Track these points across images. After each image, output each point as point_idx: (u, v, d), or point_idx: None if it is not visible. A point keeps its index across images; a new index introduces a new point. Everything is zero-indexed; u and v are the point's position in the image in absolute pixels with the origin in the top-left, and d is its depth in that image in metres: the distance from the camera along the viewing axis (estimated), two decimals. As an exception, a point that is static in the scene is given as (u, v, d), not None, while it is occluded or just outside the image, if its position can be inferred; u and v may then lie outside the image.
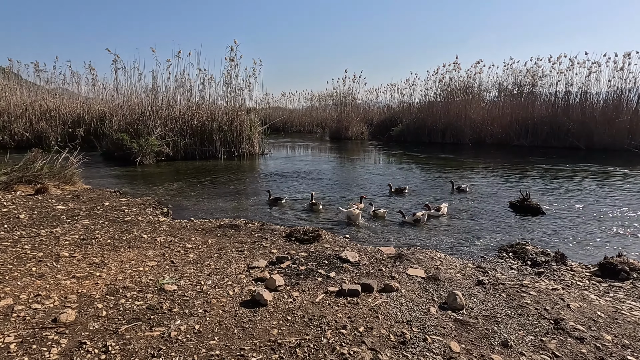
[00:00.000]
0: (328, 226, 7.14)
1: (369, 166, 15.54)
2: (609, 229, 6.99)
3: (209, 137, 16.76)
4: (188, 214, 7.79)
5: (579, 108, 21.63)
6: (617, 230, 6.89)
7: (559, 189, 10.61)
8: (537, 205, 8.02)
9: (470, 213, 8.08)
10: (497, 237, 6.54)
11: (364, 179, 12.25)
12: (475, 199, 9.36)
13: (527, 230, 6.95)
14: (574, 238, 6.54)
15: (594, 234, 6.76)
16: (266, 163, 16.27)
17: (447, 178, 12.46)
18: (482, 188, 10.73)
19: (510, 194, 9.96)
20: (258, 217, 7.71)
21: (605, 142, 20.12)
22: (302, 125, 37.00)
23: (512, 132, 22.70)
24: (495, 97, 25.31)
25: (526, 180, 11.91)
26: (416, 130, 25.25)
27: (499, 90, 24.80)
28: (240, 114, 17.25)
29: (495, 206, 8.69)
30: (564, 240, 6.42)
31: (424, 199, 9.31)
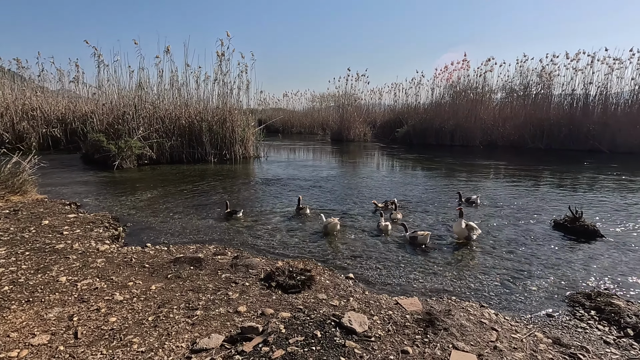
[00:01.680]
0: (323, 252, 5.32)
1: (372, 172, 13.70)
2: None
3: (197, 138, 14.98)
4: (147, 237, 6.00)
5: (600, 108, 19.71)
6: None
7: (603, 202, 8.74)
8: (593, 227, 6.16)
9: (504, 235, 6.25)
10: (555, 276, 4.71)
11: (367, 187, 10.43)
12: (506, 216, 7.51)
13: (590, 265, 5.11)
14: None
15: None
16: (261, 167, 14.47)
17: (458, 186, 10.61)
18: (509, 200, 8.88)
19: (546, 208, 8.11)
20: (236, 240, 5.91)
21: (630, 144, 18.19)
22: (303, 126, 35.18)
23: (526, 134, 20.80)
24: (505, 97, 23.41)
25: (558, 192, 10.04)
26: (422, 132, 23.38)
27: (508, 90, 22.90)
28: (233, 113, 15.46)
29: (533, 226, 6.85)
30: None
31: (429, 215, 7.49)
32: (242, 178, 11.72)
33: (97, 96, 16.25)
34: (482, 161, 16.02)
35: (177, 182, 10.75)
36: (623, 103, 19.42)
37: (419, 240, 5.70)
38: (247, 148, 16.22)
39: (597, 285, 4.50)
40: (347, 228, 6.60)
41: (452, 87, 23.02)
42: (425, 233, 5.68)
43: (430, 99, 24.72)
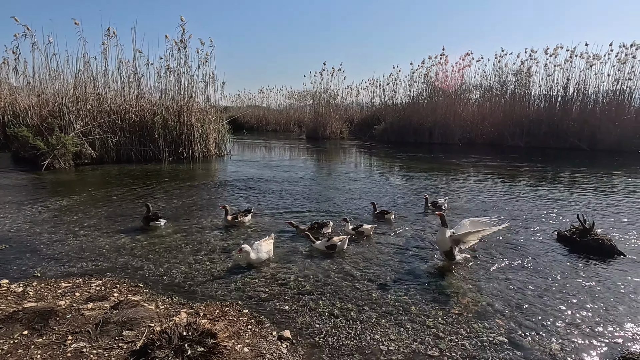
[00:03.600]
0: (256, 287, 3.69)
1: (343, 172, 12.16)
2: None
3: (150, 135, 13.04)
4: (20, 265, 4.21)
5: (579, 105, 18.90)
6: None
7: (603, 204, 7.49)
8: (610, 242, 4.79)
9: (493, 253, 4.81)
10: (580, 318, 3.27)
11: (339, 191, 8.87)
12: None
13: (627, 302, 3.70)
14: None
15: None
16: (224, 167, 12.69)
17: (438, 188, 9.20)
18: (500, 204, 7.50)
19: (540, 214, 6.76)
20: (143, 268, 4.20)
21: (610, 142, 17.41)
22: (279, 124, 33.34)
23: (505, 132, 19.80)
24: (483, 94, 22.40)
25: (555, 194, 8.77)
26: (400, 129, 22.08)
27: (486, 88, 21.88)
28: (191, 107, 13.59)
29: (532, 237, 5.45)
30: None
31: (406, 223, 6.01)
32: (194, 180, 9.93)
33: (30, 86, 14.02)
34: (461, 160, 14.76)
35: (112, 186, 8.87)
36: (602, 100, 18.66)
37: (338, 247, 4.70)
38: (209, 146, 14.38)
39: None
40: (300, 246, 5.00)
41: (430, 82, 21.79)
42: (344, 237, 4.80)
43: (408, 95, 23.47)
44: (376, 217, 6.55)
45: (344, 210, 7.03)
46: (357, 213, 6.90)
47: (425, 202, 7.13)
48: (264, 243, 4.46)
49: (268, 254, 4.38)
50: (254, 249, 4.35)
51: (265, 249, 4.39)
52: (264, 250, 4.37)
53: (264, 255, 4.34)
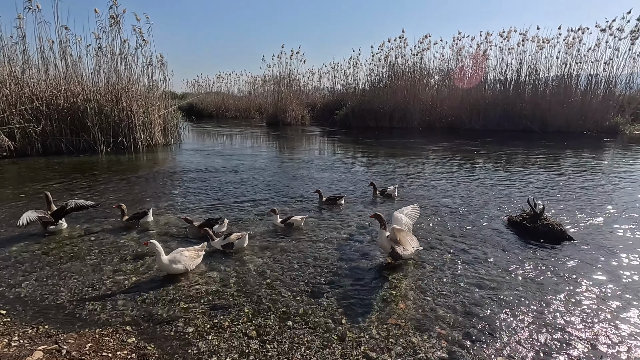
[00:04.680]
0: (157, 310, 3.01)
1: (300, 160, 11.51)
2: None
3: (82, 123, 11.63)
4: None
5: (531, 88, 19.28)
6: None
7: (553, 186, 7.38)
8: (559, 227, 4.50)
9: (443, 245, 4.40)
10: (528, 320, 2.88)
11: (290, 179, 8.22)
12: (443, 212, 5.72)
13: (579, 298, 3.37)
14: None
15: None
16: (171, 157, 11.61)
17: (394, 173, 8.82)
18: (448, 190, 7.19)
19: (493, 199, 6.50)
20: (23, 287, 3.36)
21: (559, 124, 17.94)
22: (239, 110, 31.89)
23: (463, 115, 19.91)
24: (442, 79, 22.37)
25: (508, 177, 8.62)
26: (362, 114, 21.62)
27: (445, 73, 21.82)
28: (130, 92, 12.25)
29: (484, 224, 5.10)
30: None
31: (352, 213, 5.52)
32: (130, 172, 8.86)
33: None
34: (420, 144, 14.55)
35: (26, 181, 7.67)
36: (551, 83, 19.12)
37: (236, 245, 4.18)
38: (154, 134, 13.14)
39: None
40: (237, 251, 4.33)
41: (390, 66, 21.39)
42: (242, 234, 4.25)
43: (370, 79, 22.97)
44: (326, 203, 6.05)
45: (290, 198, 6.41)
46: (306, 200, 6.30)
47: (373, 190, 6.67)
48: (187, 253, 3.70)
49: (185, 265, 3.64)
50: (173, 256, 3.62)
51: (186, 260, 3.64)
52: (183, 260, 3.63)
53: (179, 266, 3.60)
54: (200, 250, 3.86)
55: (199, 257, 3.80)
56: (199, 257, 3.81)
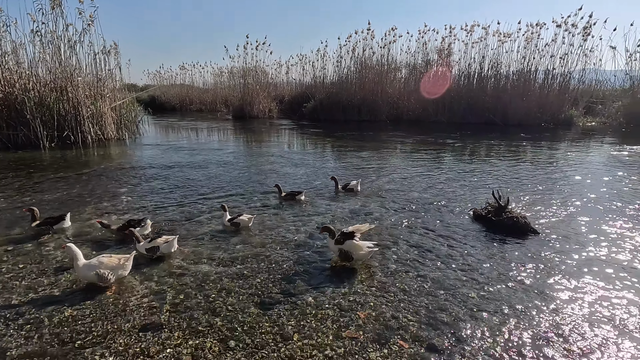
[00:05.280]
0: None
1: (270, 153, 11.01)
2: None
3: (20, 115, 10.45)
4: None
5: (493, 81, 19.72)
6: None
7: (516, 179, 7.39)
8: (524, 220, 4.37)
9: (414, 240, 4.14)
10: (495, 324, 2.65)
11: (257, 175, 7.73)
12: (407, 206, 5.50)
13: (545, 296, 3.19)
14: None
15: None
16: (126, 153, 10.71)
17: (361, 167, 8.56)
18: (420, 183, 7.00)
19: (460, 191, 6.36)
20: None
21: (519, 117, 18.46)
22: (204, 103, 30.58)
23: (429, 108, 20.06)
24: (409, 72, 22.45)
25: (474, 170, 8.58)
26: (330, 107, 21.28)
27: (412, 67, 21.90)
28: (76, 82, 11.15)
29: (449, 219, 4.90)
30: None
31: (316, 209, 5.17)
32: (72, 169, 8.00)
33: None
34: (387, 137, 14.43)
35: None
36: (512, 77, 19.64)
37: (161, 249, 3.70)
38: (106, 128, 12.11)
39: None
40: (186, 256, 3.83)
41: (357, 58, 21.13)
42: (170, 237, 3.78)
43: (337, 72, 22.62)
44: (285, 199, 5.75)
45: (250, 194, 5.95)
46: (265, 196, 5.87)
47: (335, 185, 6.36)
48: (108, 259, 3.18)
49: (106, 275, 3.10)
50: (92, 262, 3.09)
51: (107, 268, 3.12)
52: (103, 267, 3.10)
53: (101, 274, 3.07)
54: (126, 259, 3.29)
55: (124, 267, 3.25)
56: (123, 266, 3.24)
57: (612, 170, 8.05)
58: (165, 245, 3.70)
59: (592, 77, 20.40)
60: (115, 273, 3.17)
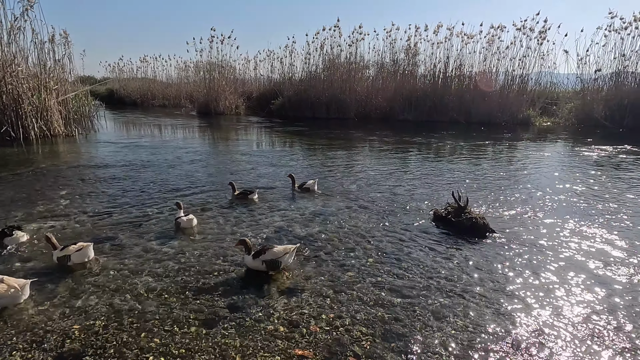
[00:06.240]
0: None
1: (232, 151, 10.58)
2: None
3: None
4: None
5: (457, 81, 20.23)
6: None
7: (476, 178, 7.48)
8: (483, 221, 4.33)
9: (373, 243, 3.99)
10: (451, 334, 2.52)
11: (215, 174, 7.32)
12: (367, 206, 5.37)
13: (494, 290, 3.11)
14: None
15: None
16: (74, 150, 9.88)
17: (326, 165, 8.39)
18: (383, 181, 6.90)
19: (422, 191, 6.32)
20: None
21: (481, 116, 19.05)
22: (167, 98, 29.17)
23: (397, 106, 20.25)
24: (377, 70, 22.59)
25: (437, 168, 8.62)
26: (298, 104, 20.97)
27: (379, 66, 22.04)
28: (16, 72, 10.14)
29: (410, 220, 4.81)
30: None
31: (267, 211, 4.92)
32: (3, 169, 7.21)
33: None
34: (355, 135, 14.36)
35: None
36: (475, 77, 20.23)
37: (72, 259, 3.36)
38: (52, 123, 11.13)
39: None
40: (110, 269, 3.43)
41: (325, 55, 20.94)
42: (84, 244, 3.42)
43: (306, 69, 22.31)
44: (237, 198, 5.55)
45: (204, 192, 5.57)
46: (218, 193, 5.53)
47: (292, 183, 6.17)
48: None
49: None
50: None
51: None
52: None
53: None
54: (22, 284, 2.76)
55: (13, 296, 2.72)
56: (15, 293, 2.72)
57: (569, 169, 8.38)
58: (78, 254, 3.34)
59: (548, 79, 21.44)
60: (4, 301, 2.71)
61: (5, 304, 2.72)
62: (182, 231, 4.29)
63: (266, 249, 3.32)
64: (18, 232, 3.85)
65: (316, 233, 4.33)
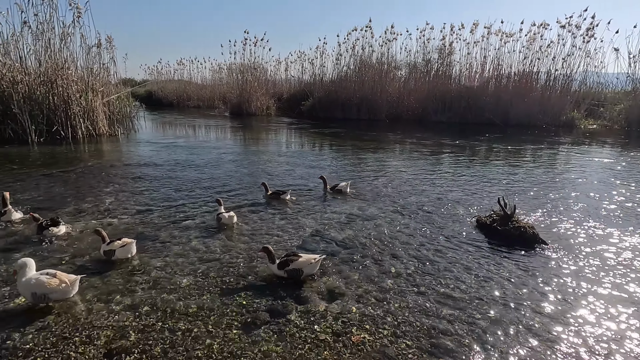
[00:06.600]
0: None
1: (265, 151, 10.69)
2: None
3: (7, 109, 10.08)
4: None
5: (494, 82, 19.41)
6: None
7: (519, 184, 7.08)
8: (532, 230, 4.06)
9: (414, 250, 3.84)
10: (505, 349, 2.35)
11: (249, 173, 7.41)
12: (402, 211, 5.19)
13: (552, 305, 2.89)
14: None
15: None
16: (117, 150, 10.37)
17: (358, 167, 8.25)
18: (418, 185, 6.69)
19: (461, 196, 6.06)
20: None
21: (520, 118, 18.17)
22: (202, 99, 30.07)
23: (429, 107, 19.73)
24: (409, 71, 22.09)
25: (475, 172, 8.28)
26: (329, 105, 20.92)
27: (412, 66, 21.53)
28: (67, 75, 10.78)
29: (451, 227, 4.60)
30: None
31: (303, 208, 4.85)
32: (55, 166, 7.65)
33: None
34: (387, 136, 14.11)
35: None
36: (514, 77, 19.33)
37: (117, 254, 3.53)
38: (97, 123, 11.74)
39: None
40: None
41: (357, 55, 20.76)
42: (128, 241, 3.57)
43: (337, 69, 22.23)
44: (269, 197, 5.65)
45: (238, 190, 5.63)
46: (251, 192, 5.57)
47: (323, 185, 6.14)
48: (48, 281, 2.76)
49: (39, 297, 2.78)
50: (30, 281, 2.76)
51: (45, 289, 2.75)
52: (39, 289, 2.74)
53: (27, 294, 2.79)
54: (72, 280, 2.87)
55: (64, 291, 2.83)
56: (63, 290, 2.82)
57: (620, 175, 7.77)
58: (122, 250, 3.50)
59: (594, 79, 20.13)
60: (56, 295, 2.81)
61: (57, 297, 2.83)
62: (222, 228, 4.36)
63: (291, 260, 3.27)
64: (56, 227, 4.08)
65: (353, 238, 4.24)
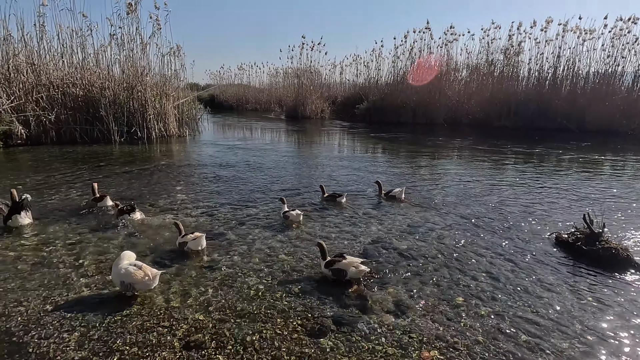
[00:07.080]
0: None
1: (321, 154, 10.80)
2: None
3: (96, 112, 11.35)
4: None
5: (569, 84, 17.66)
6: None
7: (602, 197, 6.34)
8: (625, 253, 3.59)
9: (484, 268, 3.59)
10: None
11: (305, 175, 7.54)
12: (481, 221, 4.87)
13: None
14: None
15: None
16: (185, 150, 11.20)
17: (413, 173, 7.95)
18: (481, 195, 6.29)
19: (534, 209, 5.56)
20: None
21: (599, 123, 16.32)
22: (259, 103, 31.35)
23: (492, 112, 18.52)
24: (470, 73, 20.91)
25: (547, 184, 7.61)
26: (384, 109, 20.58)
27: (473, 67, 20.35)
28: (145, 81, 11.86)
29: (525, 245, 4.23)
30: None
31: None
32: (134, 164, 8.43)
33: None
34: (444, 142, 13.51)
35: (17, 174, 7.34)
36: (593, 78, 17.44)
37: (189, 245, 3.83)
38: (169, 125, 12.75)
39: None
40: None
41: (414, 58, 20.17)
42: (199, 234, 3.84)
43: (393, 73, 21.82)
44: (326, 200, 5.73)
45: (296, 191, 5.74)
46: (311, 195, 5.64)
47: (378, 189, 6.10)
48: (135, 272, 2.97)
49: (126, 286, 3.01)
50: (121, 270, 3.01)
51: (132, 279, 2.96)
52: (127, 278, 2.97)
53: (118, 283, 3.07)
54: (155, 274, 3.06)
55: (145, 283, 3.01)
56: (148, 281, 3.01)
57: None
58: (193, 242, 3.81)
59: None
60: (139, 286, 3.04)
61: (140, 288, 3.08)
62: (287, 227, 4.49)
63: (337, 260, 3.33)
64: (133, 212, 4.67)
65: (416, 248, 4.08)
